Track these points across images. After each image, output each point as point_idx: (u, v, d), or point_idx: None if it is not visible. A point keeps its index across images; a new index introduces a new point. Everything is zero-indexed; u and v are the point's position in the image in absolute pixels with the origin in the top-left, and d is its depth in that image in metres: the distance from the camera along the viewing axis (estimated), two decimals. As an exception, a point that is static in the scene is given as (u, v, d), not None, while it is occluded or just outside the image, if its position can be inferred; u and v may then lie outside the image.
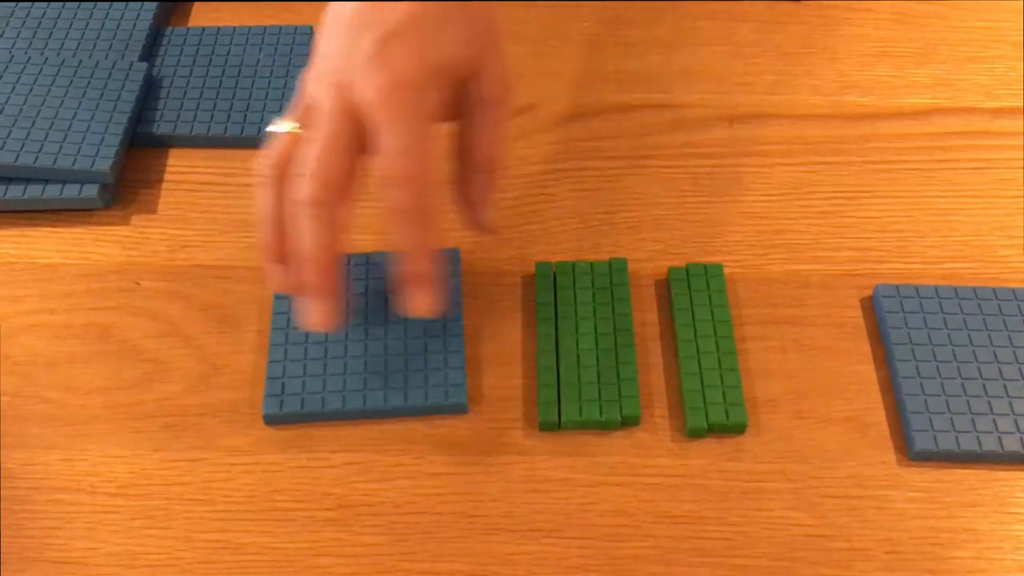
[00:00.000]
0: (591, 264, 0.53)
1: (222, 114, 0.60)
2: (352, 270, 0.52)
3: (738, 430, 0.48)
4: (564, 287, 0.52)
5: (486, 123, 0.47)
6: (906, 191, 0.58)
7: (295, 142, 0.45)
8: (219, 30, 0.64)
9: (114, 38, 0.63)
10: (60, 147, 0.56)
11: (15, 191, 0.55)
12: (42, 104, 0.58)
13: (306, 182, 0.43)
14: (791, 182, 0.58)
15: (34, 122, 0.57)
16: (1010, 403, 0.48)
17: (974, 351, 0.50)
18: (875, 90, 0.63)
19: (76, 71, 0.60)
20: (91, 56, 0.62)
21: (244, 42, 0.64)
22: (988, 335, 0.50)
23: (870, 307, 0.53)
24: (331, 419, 0.48)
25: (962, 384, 0.49)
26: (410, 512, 0.46)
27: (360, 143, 0.44)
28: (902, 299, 0.52)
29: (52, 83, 0.59)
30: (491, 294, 0.53)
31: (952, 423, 0.47)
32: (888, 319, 0.51)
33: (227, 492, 0.46)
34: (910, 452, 0.47)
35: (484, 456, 0.48)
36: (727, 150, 0.60)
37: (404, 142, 0.43)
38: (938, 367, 0.49)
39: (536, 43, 0.65)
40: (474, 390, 0.50)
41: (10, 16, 0.64)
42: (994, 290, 0.52)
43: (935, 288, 0.52)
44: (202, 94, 0.61)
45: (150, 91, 0.61)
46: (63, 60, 0.61)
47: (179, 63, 0.63)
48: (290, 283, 0.46)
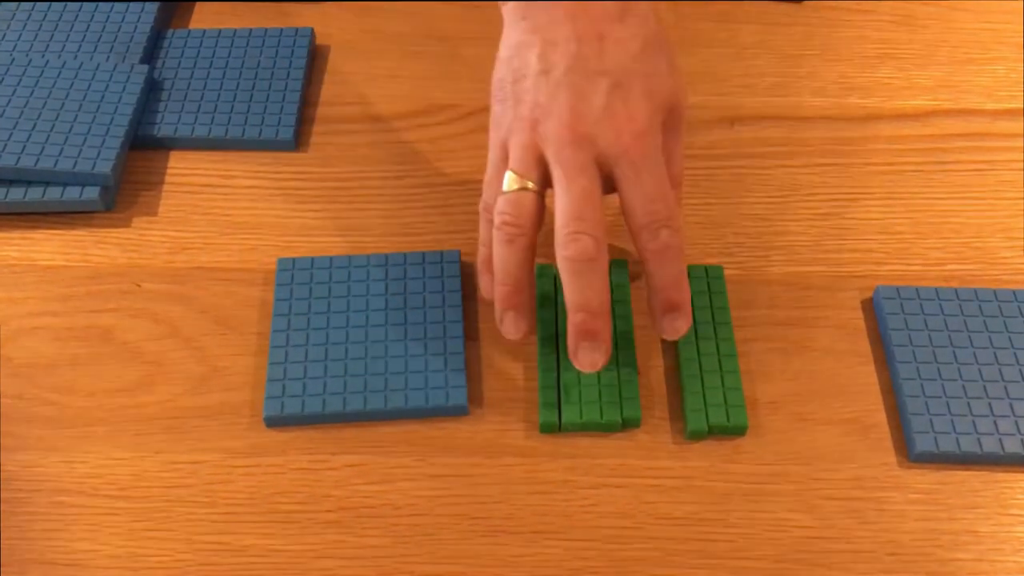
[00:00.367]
0: (592, 266, 0.53)
1: (223, 116, 0.60)
2: (353, 272, 0.53)
3: (739, 432, 0.48)
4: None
5: (680, 140, 0.50)
6: (907, 193, 0.58)
7: (532, 199, 0.46)
8: (220, 32, 0.64)
9: (115, 40, 0.63)
10: (61, 149, 0.56)
11: (16, 193, 0.55)
12: (43, 106, 0.58)
13: (580, 241, 0.44)
14: (792, 183, 0.58)
15: (35, 124, 0.57)
16: (1011, 405, 0.48)
17: (975, 353, 0.50)
18: (876, 92, 0.63)
19: (77, 73, 0.60)
20: (92, 58, 0.62)
21: (245, 44, 0.64)
22: (989, 337, 0.50)
23: (871, 309, 0.53)
24: (332, 421, 0.48)
25: (963, 386, 0.49)
26: (411, 514, 0.46)
27: (604, 189, 0.46)
28: (903, 301, 0.52)
29: (53, 85, 0.59)
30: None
31: (953, 425, 0.47)
32: (889, 321, 0.51)
33: (228, 494, 0.46)
34: (911, 454, 0.47)
35: (485, 458, 0.48)
36: (728, 151, 0.60)
37: (657, 188, 0.46)
38: (939, 369, 0.49)
39: (537, 45, 0.65)
40: (475, 392, 0.50)
41: (11, 19, 0.64)
42: (995, 292, 0.52)
43: (936, 290, 0.52)
44: (203, 96, 0.61)
45: (151, 93, 0.61)
46: (64, 62, 0.61)
47: (180, 65, 0.63)
48: (526, 328, 0.48)
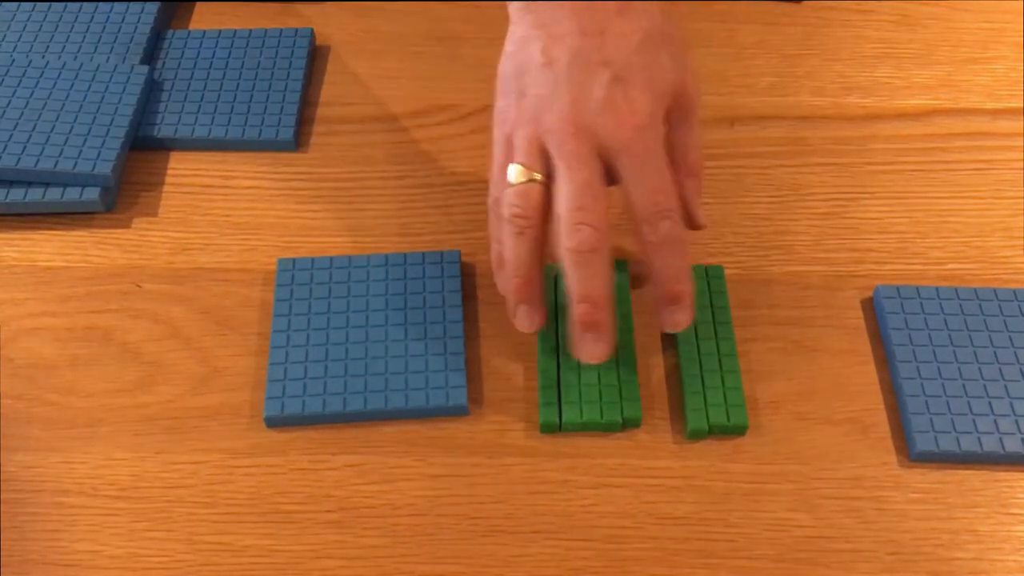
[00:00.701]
0: (592, 266, 0.53)
1: (223, 117, 0.60)
2: (353, 272, 0.53)
3: (739, 431, 0.48)
4: (564, 289, 0.52)
5: (692, 131, 0.49)
6: (907, 192, 0.58)
7: (539, 190, 0.46)
8: (220, 33, 0.65)
9: (115, 41, 0.63)
10: (61, 150, 0.56)
11: (16, 194, 0.55)
12: (43, 107, 0.58)
13: (582, 232, 0.45)
14: (792, 183, 0.58)
15: (35, 125, 0.57)
16: (1011, 404, 0.48)
17: (975, 352, 0.50)
18: (876, 91, 0.63)
19: (77, 74, 0.60)
20: (92, 59, 0.62)
21: (245, 45, 0.64)
22: (989, 336, 0.50)
23: (871, 308, 0.53)
24: (332, 421, 0.48)
25: (963, 385, 0.49)
26: (411, 514, 0.46)
27: (607, 180, 0.46)
28: (903, 300, 0.52)
29: (53, 86, 0.59)
30: (492, 296, 0.53)
31: (953, 424, 0.47)
32: (889, 320, 0.51)
33: (228, 494, 0.47)
34: (911, 453, 0.47)
35: (485, 458, 0.48)
36: (728, 151, 0.60)
37: (658, 180, 0.46)
38: (939, 368, 0.49)
39: (536, 45, 0.65)
40: (475, 392, 0.50)
41: (11, 20, 0.64)
42: (995, 291, 0.52)
43: (936, 289, 0.52)
44: (203, 97, 0.61)
45: (151, 94, 0.61)
46: (64, 63, 0.61)
47: (180, 66, 0.63)
48: (539, 321, 0.49)
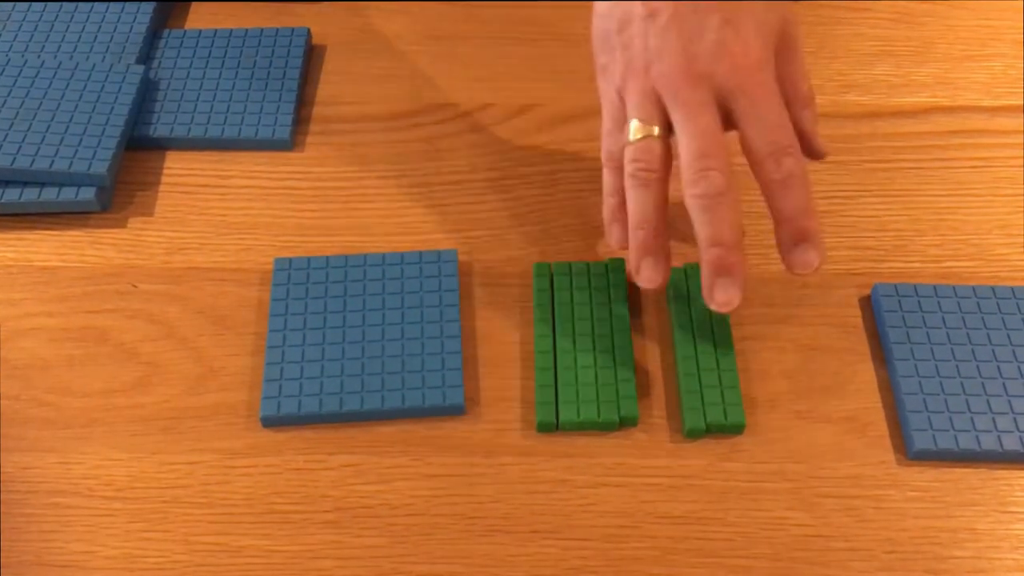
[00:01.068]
0: (589, 265, 0.53)
1: (219, 116, 0.60)
2: (350, 272, 0.52)
3: (736, 430, 0.48)
4: (562, 288, 0.52)
5: (800, 63, 0.49)
6: (905, 190, 0.58)
7: (660, 143, 0.47)
8: (216, 32, 0.64)
9: (111, 41, 0.63)
10: (57, 150, 0.56)
11: (12, 194, 0.55)
12: (39, 107, 0.58)
13: (709, 177, 0.45)
14: (789, 181, 0.58)
15: (31, 125, 0.57)
16: (1009, 402, 0.48)
17: (973, 350, 0.50)
18: (874, 89, 0.63)
19: (73, 73, 0.60)
20: (88, 59, 0.62)
21: (241, 44, 0.64)
22: (987, 334, 0.50)
23: (869, 306, 0.53)
24: (328, 421, 0.48)
25: (961, 383, 0.49)
26: (408, 514, 0.46)
27: (724, 124, 0.47)
28: (900, 298, 0.51)
29: (49, 86, 0.59)
30: (489, 295, 0.53)
31: (951, 422, 0.47)
32: (887, 318, 0.51)
33: (225, 495, 0.46)
34: (909, 451, 0.47)
35: (482, 457, 0.47)
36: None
37: (777, 118, 0.46)
38: (937, 366, 0.49)
39: (535, 44, 0.65)
40: (472, 391, 0.50)
41: (7, 19, 0.64)
42: (993, 289, 0.52)
43: (934, 287, 0.52)
44: (199, 96, 0.61)
45: (147, 93, 0.61)
46: (60, 63, 0.61)
47: (176, 65, 0.63)
48: (663, 274, 0.48)
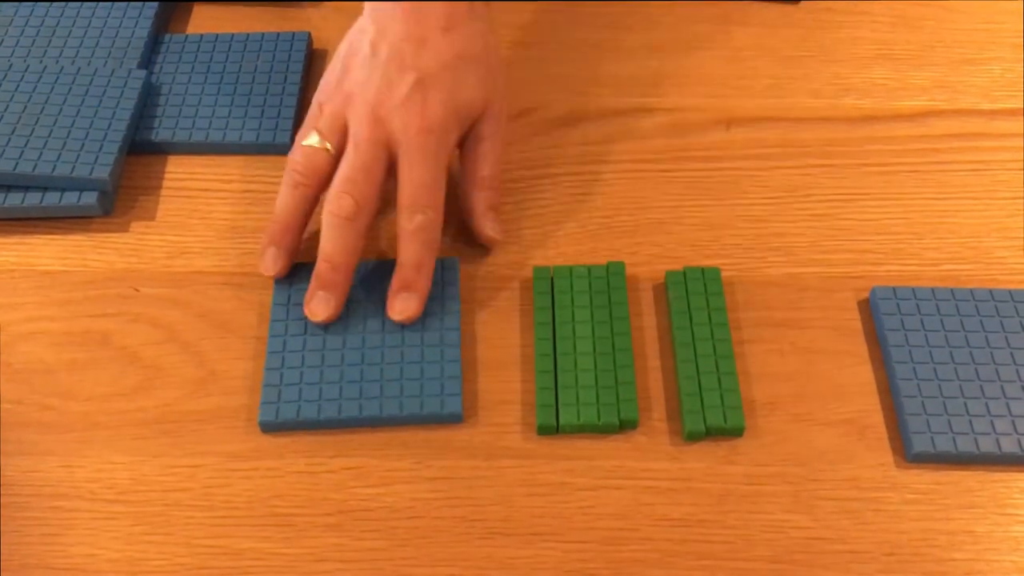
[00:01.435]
0: (589, 268, 0.53)
1: (220, 120, 0.60)
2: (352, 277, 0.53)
3: (736, 433, 0.48)
4: (562, 291, 0.52)
5: (490, 152, 0.54)
6: (903, 193, 0.58)
7: (326, 158, 0.52)
8: (217, 37, 0.65)
9: (112, 45, 0.63)
10: (59, 154, 0.56)
11: (14, 199, 0.55)
12: (41, 111, 0.58)
13: (343, 200, 0.50)
14: (788, 185, 0.58)
15: (33, 129, 0.57)
16: (1007, 404, 0.48)
17: (971, 353, 0.50)
18: (872, 93, 0.63)
19: (75, 78, 0.60)
20: (90, 63, 0.62)
21: (242, 48, 0.64)
22: (985, 337, 0.50)
23: (867, 309, 0.53)
24: (327, 427, 0.48)
25: (959, 386, 0.49)
26: (409, 517, 0.46)
27: (388, 169, 0.51)
28: (899, 301, 0.52)
29: (51, 90, 0.59)
30: (489, 298, 0.53)
31: (950, 425, 0.47)
32: (885, 321, 0.51)
33: (226, 498, 0.47)
34: (908, 454, 0.47)
35: (482, 460, 0.48)
36: (724, 153, 0.60)
37: (426, 178, 0.50)
38: (935, 369, 0.49)
39: (533, 47, 0.66)
40: (472, 394, 0.50)
41: (9, 24, 0.64)
42: (991, 292, 0.52)
43: (932, 290, 0.52)
44: (200, 100, 0.61)
45: (149, 98, 0.61)
46: (62, 67, 0.61)
47: (178, 70, 0.63)
48: (280, 268, 0.52)
